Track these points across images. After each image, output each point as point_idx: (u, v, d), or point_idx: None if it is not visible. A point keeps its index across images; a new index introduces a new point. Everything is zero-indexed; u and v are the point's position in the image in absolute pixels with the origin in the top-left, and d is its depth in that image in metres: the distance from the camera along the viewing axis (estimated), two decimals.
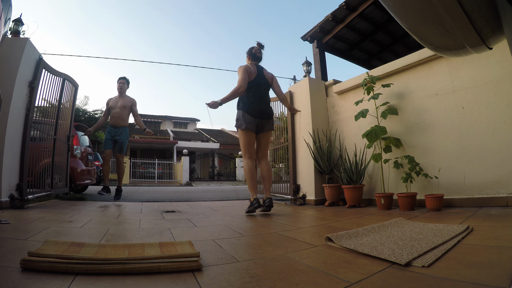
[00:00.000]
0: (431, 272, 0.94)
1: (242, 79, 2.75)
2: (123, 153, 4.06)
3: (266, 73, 2.98)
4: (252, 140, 2.84)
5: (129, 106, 4.09)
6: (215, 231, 1.84)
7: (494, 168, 2.33)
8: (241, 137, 2.83)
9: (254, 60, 2.99)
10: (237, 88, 2.73)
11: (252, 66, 2.92)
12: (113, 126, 4.04)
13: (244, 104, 2.82)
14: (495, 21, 0.97)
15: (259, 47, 3.00)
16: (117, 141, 4.01)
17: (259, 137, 2.90)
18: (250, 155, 2.82)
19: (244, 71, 2.80)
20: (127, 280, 0.93)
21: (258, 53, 2.99)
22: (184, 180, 15.94)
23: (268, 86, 2.98)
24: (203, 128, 26.54)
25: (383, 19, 4.71)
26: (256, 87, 2.85)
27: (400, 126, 3.05)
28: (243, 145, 2.83)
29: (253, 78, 2.84)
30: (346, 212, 2.71)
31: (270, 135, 3.02)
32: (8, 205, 2.78)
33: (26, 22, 3.38)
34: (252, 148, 2.86)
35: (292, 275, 0.98)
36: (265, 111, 2.87)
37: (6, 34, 3.08)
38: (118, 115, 4.02)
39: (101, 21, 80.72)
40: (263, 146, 2.93)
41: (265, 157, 2.94)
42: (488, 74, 2.42)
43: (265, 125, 2.87)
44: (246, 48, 3.09)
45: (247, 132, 2.79)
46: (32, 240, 1.47)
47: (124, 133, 4.08)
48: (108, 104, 4.14)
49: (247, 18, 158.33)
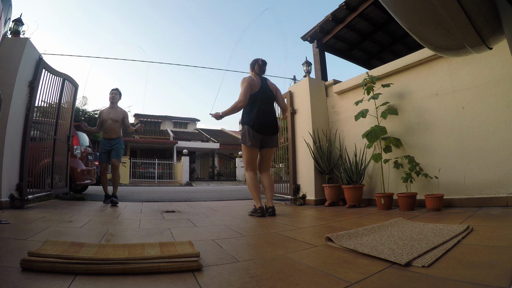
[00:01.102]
0: (431, 272, 0.94)
1: (243, 93, 2.74)
2: (119, 159, 3.99)
3: (270, 84, 2.96)
4: (255, 155, 2.85)
5: (121, 118, 4.03)
6: (215, 231, 1.84)
7: (494, 168, 2.33)
8: (245, 153, 2.82)
9: (257, 73, 2.96)
10: (237, 103, 2.74)
11: (256, 77, 2.90)
12: (107, 139, 3.99)
13: (248, 119, 2.79)
14: (495, 21, 0.97)
15: (262, 63, 2.96)
16: (113, 149, 3.95)
17: (262, 152, 2.89)
18: (252, 168, 2.84)
19: (248, 85, 2.78)
20: (127, 280, 0.93)
21: (260, 69, 2.96)
22: (184, 180, 15.95)
23: (273, 98, 2.96)
24: (203, 128, 26.55)
25: (383, 19, 4.71)
26: (260, 99, 2.82)
27: (400, 126, 3.05)
28: (246, 160, 2.83)
29: (257, 90, 2.82)
30: (346, 212, 2.71)
31: (273, 151, 3.02)
32: (8, 205, 2.78)
33: (26, 22, 3.39)
34: (255, 163, 2.87)
35: (292, 275, 0.98)
36: (270, 126, 2.83)
37: (6, 34, 3.08)
38: (110, 127, 3.97)
39: (101, 21, 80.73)
40: (266, 160, 2.93)
41: (267, 170, 2.94)
42: (488, 74, 2.42)
43: (270, 141, 2.85)
44: (246, 47, 3.16)
45: (252, 148, 2.79)
46: (32, 240, 1.47)
47: (119, 143, 4.03)
48: (100, 116, 4.07)
49: (247, 18, 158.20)
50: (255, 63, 2.97)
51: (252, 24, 77.76)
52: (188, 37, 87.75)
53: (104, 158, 3.96)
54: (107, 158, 3.97)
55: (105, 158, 3.97)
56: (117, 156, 3.97)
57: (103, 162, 3.97)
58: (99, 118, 4.09)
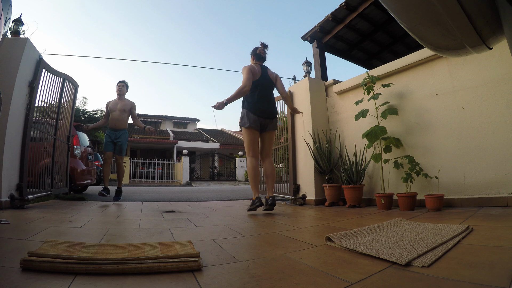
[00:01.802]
0: (431, 272, 0.94)
1: (246, 79, 2.77)
2: (123, 155, 4.11)
3: (270, 73, 3.00)
4: (256, 139, 2.86)
5: (129, 109, 4.13)
6: (215, 231, 1.84)
7: (494, 168, 2.33)
8: (245, 135, 2.85)
9: (258, 60, 3.00)
10: (242, 88, 2.75)
11: (256, 66, 2.93)
12: (113, 129, 4.07)
13: (248, 104, 2.84)
14: (495, 21, 0.97)
15: (263, 47, 3.01)
16: (117, 143, 4.04)
17: (263, 136, 2.92)
18: (254, 153, 2.84)
19: (249, 71, 2.82)
20: (127, 280, 0.93)
21: (263, 53, 3.01)
22: (184, 180, 15.95)
23: (272, 86, 3.00)
24: (203, 128, 26.54)
25: (383, 19, 4.71)
26: (260, 86, 2.87)
27: (400, 126, 3.05)
28: (247, 143, 2.84)
29: (257, 78, 2.87)
30: (346, 212, 2.71)
31: (274, 134, 3.04)
32: (8, 205, 2.78)
33: (26, 22, 3.38)
34: (256, 147, 2.88)
35: (292, 275, 0.98)
36: (269, 110, 2.89)
37: (6, 34, 3.08)
38: (117, 118, 4.05)
39: (101, 21, 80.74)
40: (267, 145, 2.95)
41: (269, 156, 2.95)
42: (488, 74, 2.42)
43: (269, 124, 2.89)
44: (246, 48, 3.17)
45: (251, 130, 2.81)
46: (32, 240, 1.47)
47: (124, 135, 4.11)
48: (107, 107, 4.17)
49: (247, 18, 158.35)
50: (255, 49, 3.01)
51: (252, 24, 76.21)
52: (188, 37, 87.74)
53: (109, 147, 4.02)
54: (112, 147, 4.03)
55: (110, 147, 4.02)
56: (120, 152, 4.07)
57: (108, 151, 4.02)
58: (106, 109, 4.18)
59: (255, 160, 2.84)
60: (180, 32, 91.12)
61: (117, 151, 4.05)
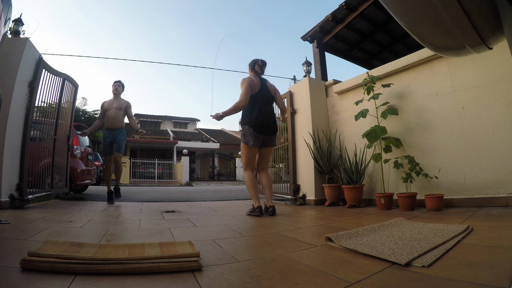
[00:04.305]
0: (431, 272, 0.94)
1: (244, 94, 2.74)
2: (121, 153, 4.02)
3: (269, 85, 2.97)
4: (255, 155, 2.86)
5: (124, 108, 4.06)
6: (215, 231, 1.84)
7: (494, 168, 2.33)
8: (245, 152, 2.83)
9: (256, 74, 2.96)
10: (238, 103, 2.74)
11: (255, 78, 2.90)
12: (109, 129, 3.97)
13: (249, 119, 2.80)
14: (495, 21, 0.97)
15: (262, 64, 2.96)
16: (115, 142, 3.97)
17: (261, 151, 2.91)
18: (251, 168, 2.85)
19: (248, 85, 2.78)
20: (127, 280, 0.93)
21: (260, 69, 2.96)
22: (184, 180, 15.95)
23: (272, 99, 2.97)
24: (203, 128, 26.54)
25: (383, 19, 4.71)
26: (260, 100, 2.84)
27: (400, 126, 3.05)
28: (245, 159, 2.83)
29: (257, 91, 2.83)
30: (346, 212, 2.71)
31: (272, 150, 3.04)
32: (8, 205, 2.78)
33: (26, 21, 3.38)
34: (253, 162, 2.88)
35: (292, 275, 0.98)
36: (270, 127, 2.85)
37: (6, 34, 3.08)
38: (114, 116, 3.97)
39: (101, 21, 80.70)
40: (265, 159, 2.94)
41: (265, 169, 2.95)
42: (488, 74, 2.42)
43: (269, 141, 2.88)
44: (246, 47, 3.17)
45: (253, 148, 2.80)
46: (32, 240, 1.47)
47: (122, 134, 4.03)
48: (102, 106, 4.07)
49: (247, 18, 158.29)
50: (254, 63, 2.96)
51: (252, 24, 76.35)
52: (188, 37, 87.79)
53: (107, 151, 3.96)
54: (110, 150, 3.97)
55: (109, 151, 3.96)
56: (118, 149, 3.98)
57: (107, 155, 3.96)
58: (102, 109, 4.09)
59: (251, 172, 2.84)
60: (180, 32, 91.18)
61: (115, 148, 3.96)
